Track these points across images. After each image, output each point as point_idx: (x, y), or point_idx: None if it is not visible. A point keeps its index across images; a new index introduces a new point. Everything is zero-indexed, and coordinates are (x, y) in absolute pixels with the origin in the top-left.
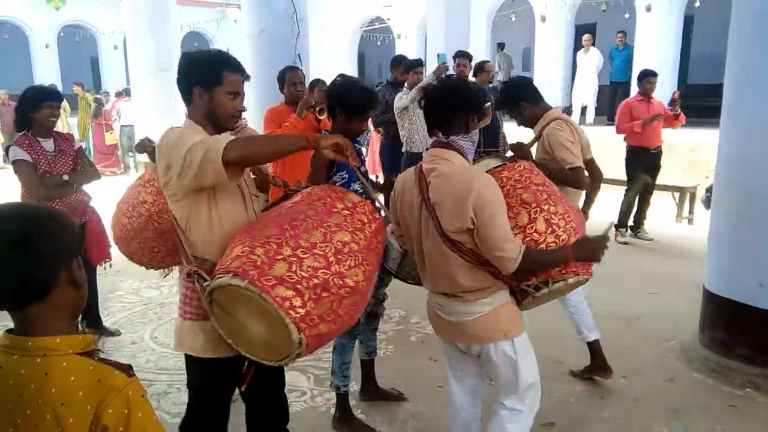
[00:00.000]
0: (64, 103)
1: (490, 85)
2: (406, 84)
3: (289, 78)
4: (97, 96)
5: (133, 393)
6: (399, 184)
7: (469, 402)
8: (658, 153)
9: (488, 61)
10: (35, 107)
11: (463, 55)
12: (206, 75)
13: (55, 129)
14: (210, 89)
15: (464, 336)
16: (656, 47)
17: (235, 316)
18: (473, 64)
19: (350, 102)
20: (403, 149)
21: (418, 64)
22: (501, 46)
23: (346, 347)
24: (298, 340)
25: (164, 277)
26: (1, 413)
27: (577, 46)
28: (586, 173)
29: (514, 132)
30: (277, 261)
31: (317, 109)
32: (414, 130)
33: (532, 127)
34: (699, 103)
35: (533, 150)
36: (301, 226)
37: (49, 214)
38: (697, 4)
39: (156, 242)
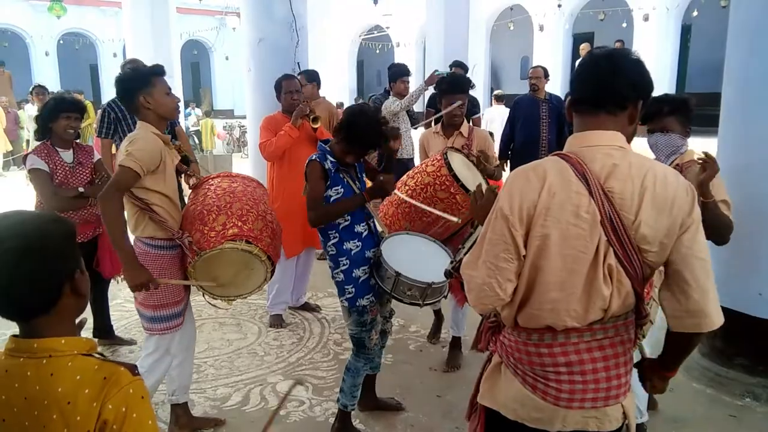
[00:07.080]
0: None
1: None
2: (391, 93)
3: (285, 86)
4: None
5: (134, 392)
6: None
7: None
8: None
9: None
10: (53, 117)
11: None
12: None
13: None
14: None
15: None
16: (654, 56)
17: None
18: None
19: (353, 135)
20: None
21: (405, 73)
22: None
23: (361, 371)
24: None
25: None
26: (8, 416)
27: (575, 55)
28: None
29: None
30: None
31: (311, 117)
32: (403, 137)
33: None
34: (697, 111)
35: None
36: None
37: (50, 227)
38: (695, 13)
39: None
